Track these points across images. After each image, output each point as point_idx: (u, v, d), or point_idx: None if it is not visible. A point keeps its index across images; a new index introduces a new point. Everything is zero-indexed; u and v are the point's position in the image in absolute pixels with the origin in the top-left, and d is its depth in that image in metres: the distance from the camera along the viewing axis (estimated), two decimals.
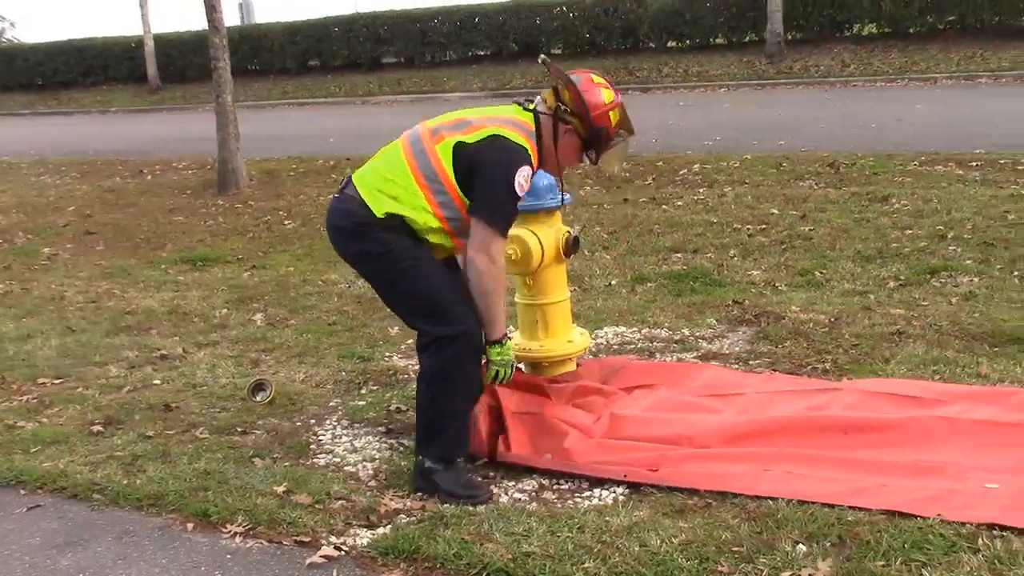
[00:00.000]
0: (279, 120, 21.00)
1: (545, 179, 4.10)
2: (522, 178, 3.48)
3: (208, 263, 8.09)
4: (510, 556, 2.96)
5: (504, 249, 3.65)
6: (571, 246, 4.17)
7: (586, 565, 2.88)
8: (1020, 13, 20.62)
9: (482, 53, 26.51)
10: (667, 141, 12.16)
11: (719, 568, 2.81)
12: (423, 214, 3.52)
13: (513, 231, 3.87)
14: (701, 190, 9.31)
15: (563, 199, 4.11)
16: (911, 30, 21.82)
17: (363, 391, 4.76)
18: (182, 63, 28.63)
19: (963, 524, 2.91)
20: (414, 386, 4.52)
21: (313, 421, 4.36)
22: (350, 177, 3.70)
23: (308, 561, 3.08)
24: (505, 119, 3.59)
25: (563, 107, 3.60)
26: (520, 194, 3.52)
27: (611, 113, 3.65)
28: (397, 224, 3.51)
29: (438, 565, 2.99)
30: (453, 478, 3.51)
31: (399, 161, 3.59)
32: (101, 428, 4.36)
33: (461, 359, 3.49)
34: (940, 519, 2.94)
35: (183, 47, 28.66)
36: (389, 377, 4.93)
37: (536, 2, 24.90)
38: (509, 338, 3.72)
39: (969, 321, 5.09)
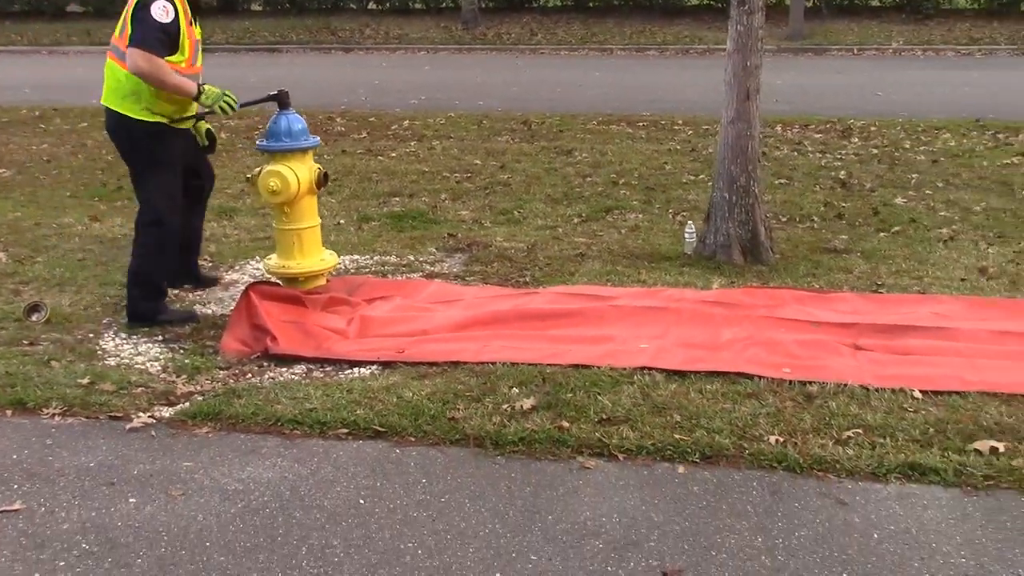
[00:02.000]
0: None
1: (299, 123, 4.91)
2: (159, 8, 4.61)
3: None
4: (297, 411, 3.82)
5: (150, 56, 4.60)
6: (322, 180, 5.02)
7: (358, 412, 3.80)
8: None
9: None
10: (376, 100, 13.05)
11: (457, 406, 3.83)
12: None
13: (274, 167, 4.72)
14: (412, 143, 10.30)
15: (314, 141, 4.94)
16: (591, 4, 23.98)
17: None
18: None
19: (625, 369, 4.12)
20: (179, 305, 5.23)
21: (92, 335, 4.90)
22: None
23: (128, 427, 3.78)
24: None
25: None
26: (160, 19, 4.60)
27: None
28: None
29: (240, 422, 3.79)
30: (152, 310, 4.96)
31: (113, 70, 4.74)
32: None
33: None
34: (610, 367, 4.13)
35: None
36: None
37: None
38: (203, 86, 4.73)
39: (634, 246, 6.42)
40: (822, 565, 2.84)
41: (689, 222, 6.43)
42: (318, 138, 5.09)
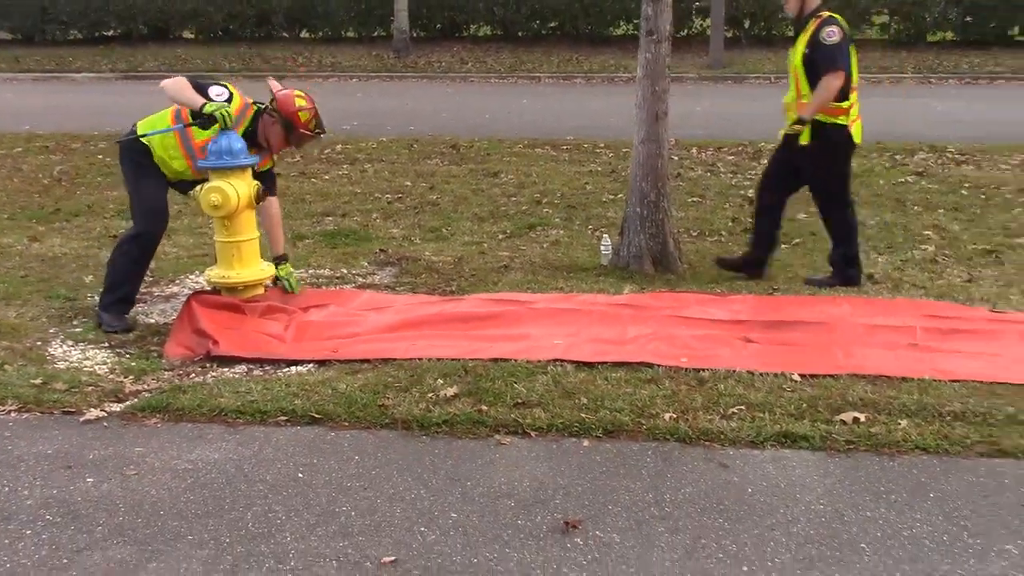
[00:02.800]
0: None
1: (239, 143, 5.29)
2: (217, 90, 5.29)
3: None
4: (239, 403, 4.18)
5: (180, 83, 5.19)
6: (260, 195, 5.39)
7: (296, 402, 4.17)
8: (608, 24, 24.05)
9: (110, 34, 26.04)
10: None
11: (387, 396, 4.22)
12: None
13: (215, 183, 5.11)
14: (345, 166, 10.68)
15: (253, 159, 5.33)
16: (520, 33, 24.62)
17: (75, 323, 5.59)
18: None
19: (539, 361, 4.55)
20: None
21: (40, 343, 5.18)
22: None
23: (81, 420, 4.10)
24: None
25: (270, 106, 5.33)
26: (212, 95, 5.21)
27: (300, 113, 5.22)
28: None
29: (186, 413, 4.14)
30: (111, 318, 5.30)
31: None
32: None
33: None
34: (526, 360, 4.56)
35: None
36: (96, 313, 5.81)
37: None
38: (207, 101, 5.13)
39: (554, 258, 6.88)
40: (703, 513, 3.29)
41: (605, 235, 6.92)
42: (257, 156, 5.46)
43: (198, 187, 5.39)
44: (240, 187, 5.27)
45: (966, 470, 3.58)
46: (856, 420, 3.90)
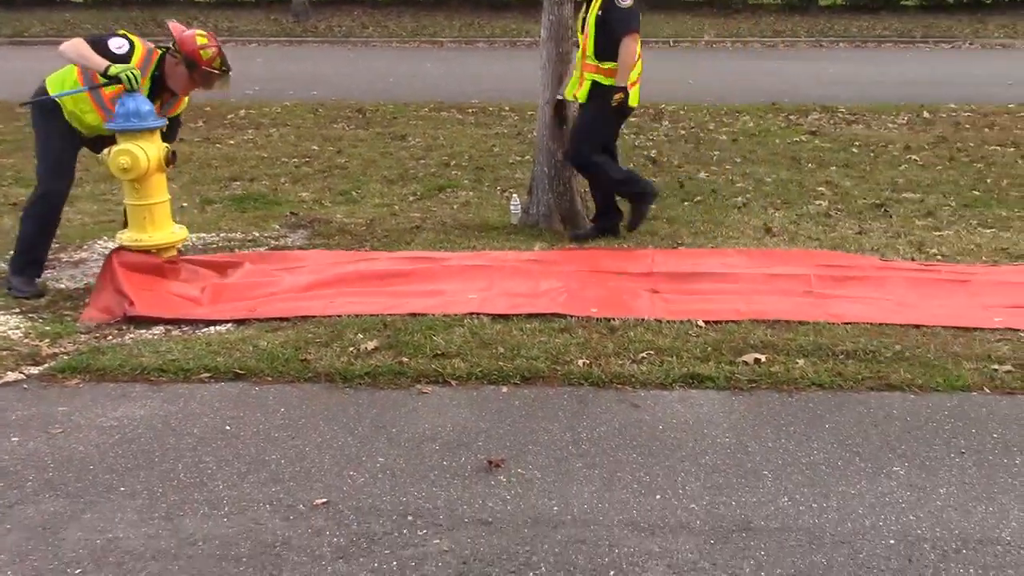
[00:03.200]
0: None
1: (147, 105, 5.25)
2: (116, 42, 5.18)
3: None
4: (161, 362, 4.22)
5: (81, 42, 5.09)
6: (170, 158, 5.37)
7: (218, 360, 4.23)
8: None
9: None
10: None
11: (308, 351, 4.31)
12: None
13: (124, 145, 5.08)
14: (250, 131, 10.60)
15: (161, 122, 5.31)
16: None
17: None
18: None
19: (456, 315, 4.69)
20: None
21: None
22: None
23: (1, 380, 4.09)
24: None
25: (173, 48, 5.07)
26: (112, 48, 5.13)
27: (201, 52, 5.02)
28: None
29: (107, 373, 4.16)
30: (21, 282, 5.29)
31: None
32: None
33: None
34: (443, 315, 4.69)
35: None
36: (2, 279, 5.71)
37: None
38: (111, 64, 5.04)
39: (465, 219, 7.00)
40: (617, 448, 3.48)
41: (514, 195, 7.07)
42: (165, 119, 5.44)
43: (106, 151, 5.35)
44: (150, 150, 5.24)
45: (858, 403, 3.86)
46: (757, 361, 4.14)
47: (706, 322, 4.60)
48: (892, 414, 3.77)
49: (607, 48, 6.00)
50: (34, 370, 4.26)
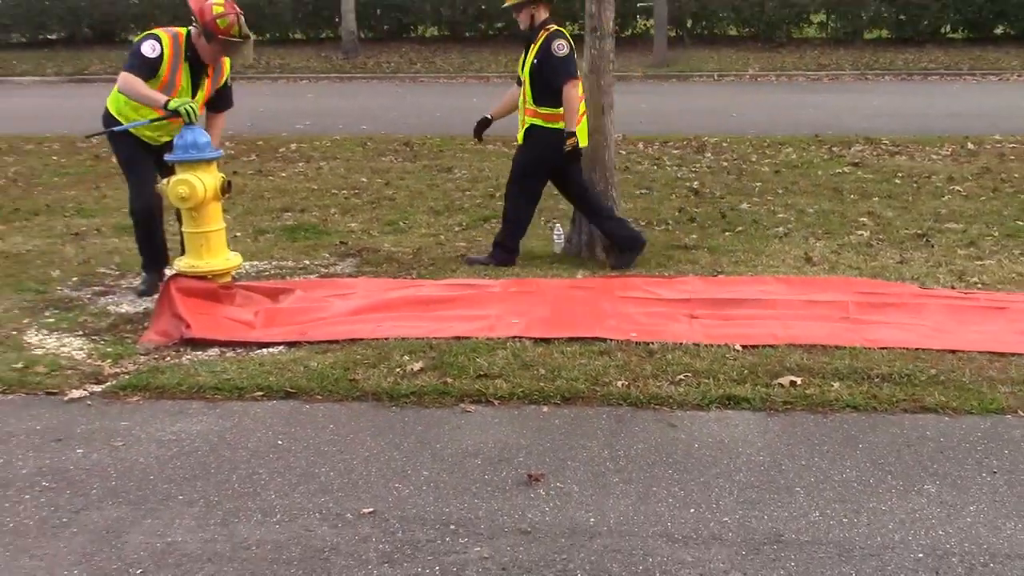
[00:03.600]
0: None
1: (204, 137, 5.50)
2: (148, 47, 5.48)
3: None
4: (216, 381, 4.42)
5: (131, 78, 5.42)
6: (226, 187, 5.61)
7: (271, 379, 4.42)
8: None
9: (53, 37, 25.88)
10: (261, 125, 13.58)
11: (356, 371, 4.48)
12: None
13: (182, 176, 5.32)
14: (300, 164, 10.89)
15: (218, 153, 5.55)
16: (467, 34, 24.92)
17: (47, 314, 5.76)
18: None
19: (501, 338, 4.84)
20: (92, 308, 5.73)
21: (15, 332, 5.35)
22: None
23: (67, 397, 4.31)
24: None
25: (193, 21, 5.60)
26: (146, 54, 5.45)
27: (218, 20, 5.45)
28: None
29: (166, 391, 4.36)
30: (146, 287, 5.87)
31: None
32: None
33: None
34: (487, 338, 4.85)
35: None
36: (66, 304, 5.96)
37: None
38: (170, 98, 5.36)
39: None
40: (653, 465, 3.60)
41: (557, 225, 7.23)
42: (221, 150, 5.68)
43: (165, 181, 5.59)
44: (207, 179, 5.48)
45: (892, 424, 3.94)
46: (793, 383, 4.24)
47: (743, 346, 4.71)
48: (926, 435, 3.84)
49: (543, 93, 6.26)
50: (97, 388, 4.47)
